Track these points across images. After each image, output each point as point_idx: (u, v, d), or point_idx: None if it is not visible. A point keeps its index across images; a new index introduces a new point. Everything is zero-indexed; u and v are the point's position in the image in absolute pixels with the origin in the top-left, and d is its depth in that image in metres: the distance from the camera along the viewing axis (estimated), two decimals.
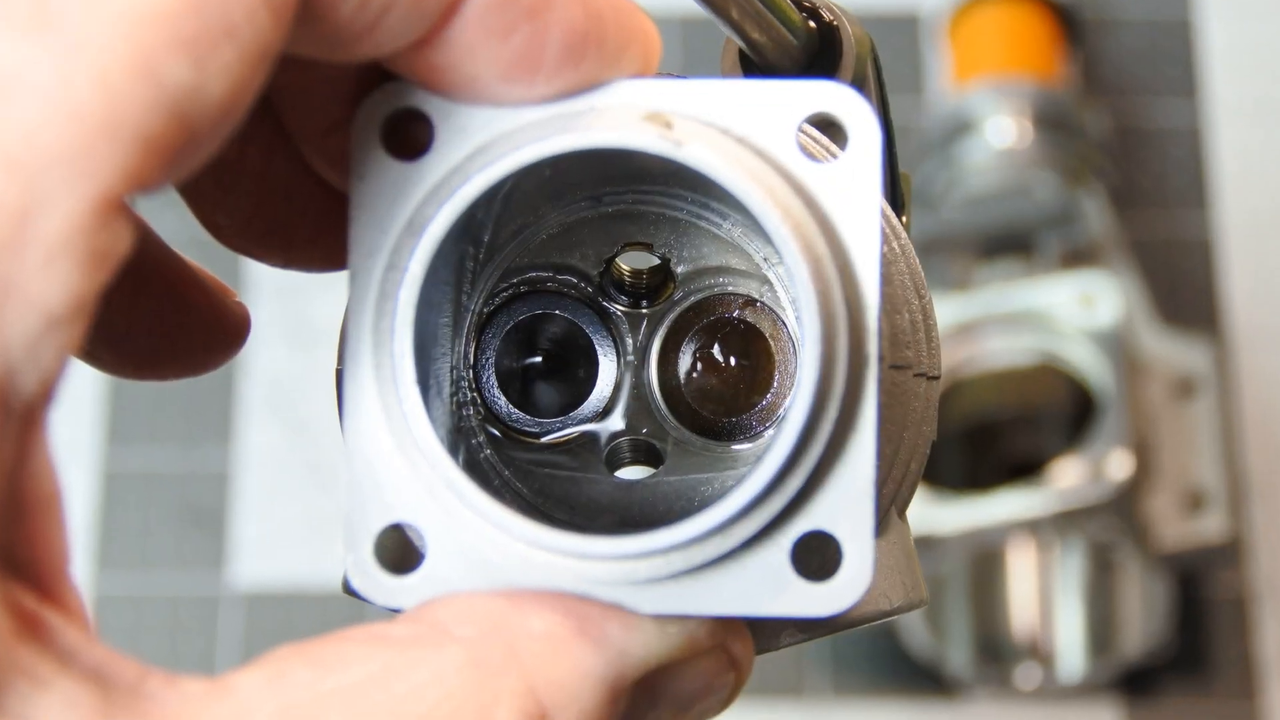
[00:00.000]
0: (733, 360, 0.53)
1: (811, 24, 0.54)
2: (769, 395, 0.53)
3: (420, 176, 0.47)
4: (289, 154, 0.50)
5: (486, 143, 0.46)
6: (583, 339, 0.54)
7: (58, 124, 0.38)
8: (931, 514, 1.19)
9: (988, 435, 1.26)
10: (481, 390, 0.53)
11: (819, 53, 0.55)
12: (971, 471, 1.25)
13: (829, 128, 0.47)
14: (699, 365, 0.53)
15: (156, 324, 0.53)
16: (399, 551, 0.47)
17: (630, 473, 0.53)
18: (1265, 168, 1.42)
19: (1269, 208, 1.41)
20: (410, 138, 0.47)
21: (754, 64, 0.54)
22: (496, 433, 0.53)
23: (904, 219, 0.54)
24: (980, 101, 1.32)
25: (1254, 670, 1.29)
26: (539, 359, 0.54)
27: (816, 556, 0.46)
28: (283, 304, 1.39)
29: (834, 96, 0.47)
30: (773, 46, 0.53)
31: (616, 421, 0.53)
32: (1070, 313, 1.23)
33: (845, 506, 0.46)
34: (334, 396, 0.48)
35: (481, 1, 0.44)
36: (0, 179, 0.38)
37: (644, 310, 0.54)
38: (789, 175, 0.46)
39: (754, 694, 1.28)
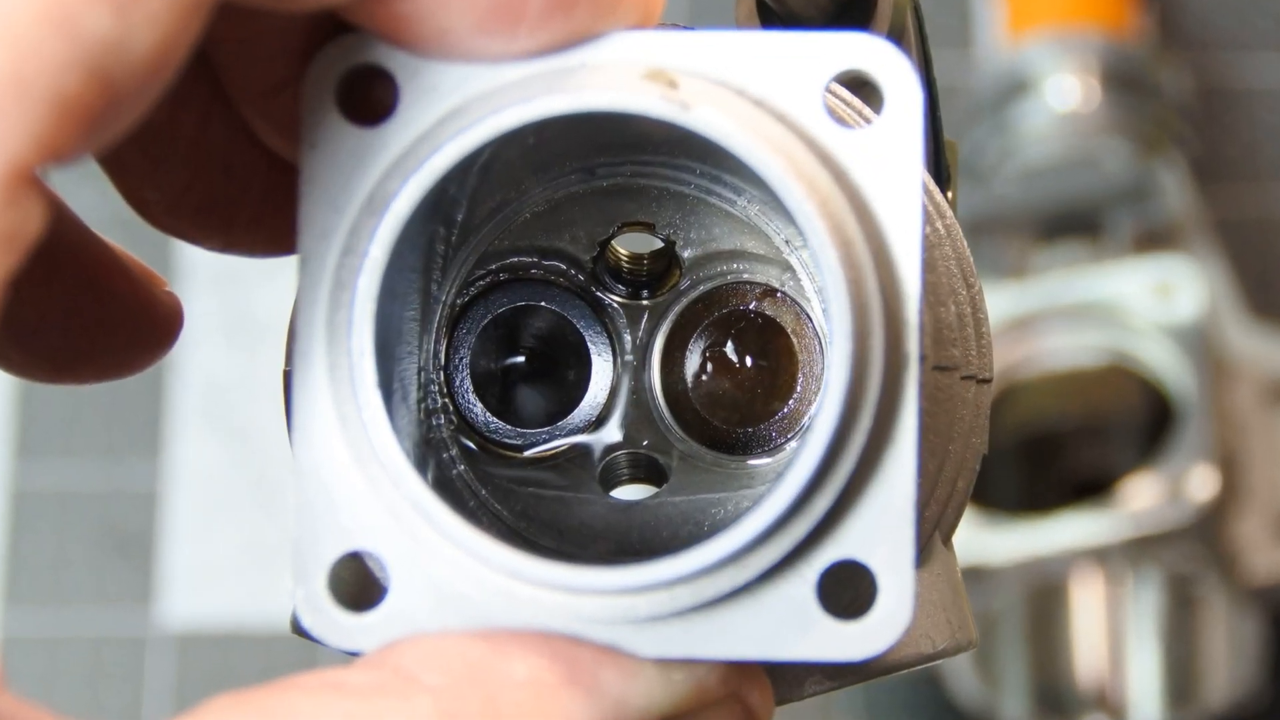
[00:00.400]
0: (749, 360, 0.53)
1: None
2: (791, 401, 0.53)
3: (382, 145, 0.47)
4: (228, 119, 0.50)
5: (460, 105, 0.46)
6: (573, 335, 0.54)
7: None
8: (982, 540, 1.19)
9: (1048, 448, 1.26)
10: (454, 396, 0.53)
11: (850, 0, 0.55)
12: (1029, 490, 1.25)
13: (862, 88, 0.47)
14: (709, 366, 0.53)
15: (73, 317, 0.53)
16: (357, 584, 0.47)
17: (628, 492, 0.53)
18: None
19: None
20: (370, 99, 0.47)
21: (774, 13, 0.54)
22: (472, 445, 0.53)
23: (949, 195, 0.54)
24: (1039, 57, 1.32)
25: None
26: (522, 359, 0.54)
27: (847, 590, 0.46)
28: (221, 294, 1.39)
29: (867, 51, 0.47)
30: None
31: (612, 432, 0.53)
32: (1144, 304, 1.23)
33: (881, 532, 0.46)
34: (281, 402, 0.48)
35: None
36: None
37: (644, 302, 0.54)
38: (815, 143, 0.46)
39: None
